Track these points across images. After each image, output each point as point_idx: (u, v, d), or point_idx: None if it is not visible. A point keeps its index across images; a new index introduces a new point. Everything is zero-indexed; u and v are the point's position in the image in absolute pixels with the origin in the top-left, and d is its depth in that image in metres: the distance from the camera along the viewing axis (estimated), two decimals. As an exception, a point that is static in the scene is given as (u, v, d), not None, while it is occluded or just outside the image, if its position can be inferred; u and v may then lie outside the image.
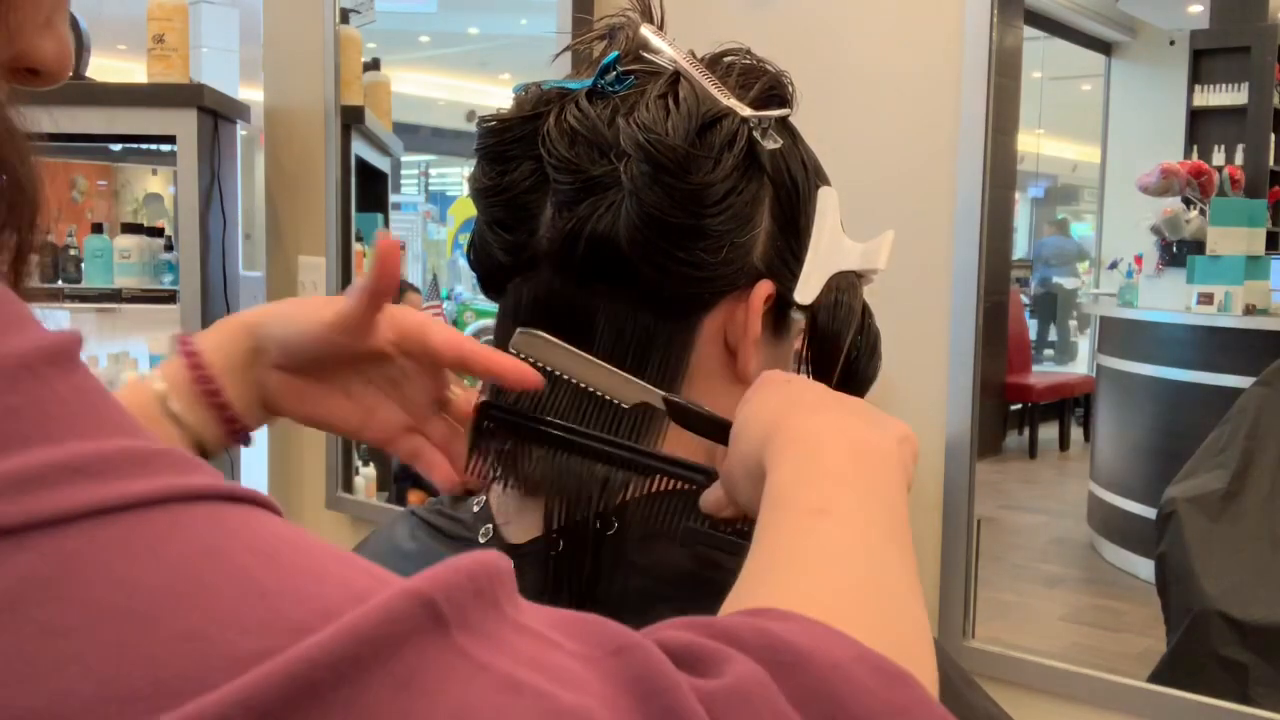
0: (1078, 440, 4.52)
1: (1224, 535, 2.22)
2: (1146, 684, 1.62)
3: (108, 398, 0.32)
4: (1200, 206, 3.36)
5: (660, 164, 0.57)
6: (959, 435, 1.67)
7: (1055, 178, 4.85)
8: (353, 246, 2.54)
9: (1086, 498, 3.39)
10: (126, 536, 0.28)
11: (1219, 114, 4.03)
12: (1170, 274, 3.25)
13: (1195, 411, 2.87)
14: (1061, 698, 1.61)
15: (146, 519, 0.29)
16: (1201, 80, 4.07)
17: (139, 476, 0.29)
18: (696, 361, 0.61)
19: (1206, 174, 3.47)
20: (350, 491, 2.54)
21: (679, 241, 0.58)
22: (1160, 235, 3.34)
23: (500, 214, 0.62)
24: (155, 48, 2.47)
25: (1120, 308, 3.40)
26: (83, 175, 12.04)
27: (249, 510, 0.32)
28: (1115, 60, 4.86)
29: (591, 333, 0.60)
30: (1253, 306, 2.95)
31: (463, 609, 0.31)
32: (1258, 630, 2.02)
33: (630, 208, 0.58)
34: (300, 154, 2.61)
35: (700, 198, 0.58)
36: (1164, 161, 3.49)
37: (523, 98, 0.63)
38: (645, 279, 0.59)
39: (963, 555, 1.68)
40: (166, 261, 2.65)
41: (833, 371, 0.65)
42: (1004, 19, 1.67)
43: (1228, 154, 3.94)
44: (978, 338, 1.66)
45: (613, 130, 0.58)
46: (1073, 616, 3.04)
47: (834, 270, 0.64)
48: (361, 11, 2.55)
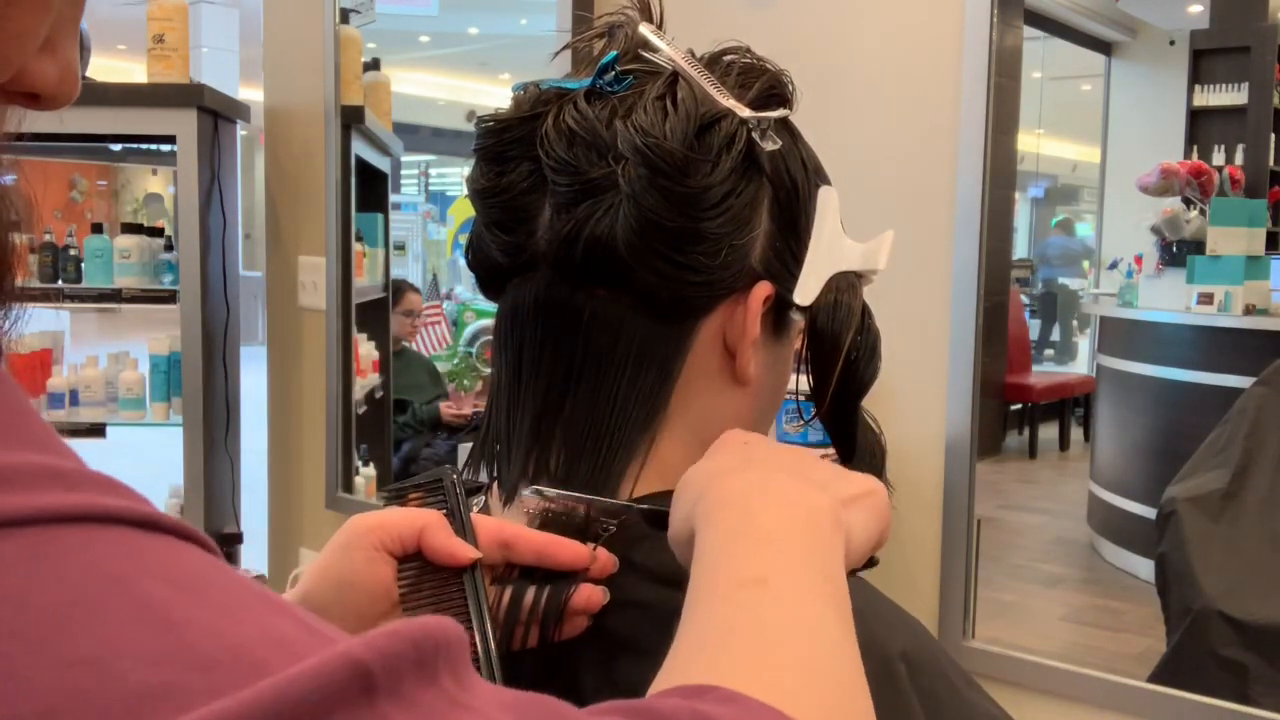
0: (1078, 440, 4.52)
1: (1224, 535, 2.22)
2: (1146, 684, 1.62)
3: (31, 414, 0.30)
4: (1200, 206, 3.36)
5: (658, 167, 0.57)
6: (959, 435, 1.67)
7: (1055, 178, 4.85)
8: (353, 246, 2.54)
9: (1086, 498, 3.39)
10: (29, 551, 0.26)
11: (1219, 114, 4.03)
12: (1170, 274, 3.25)
13: (1195, 411, 2.87)
14: (1061, 698, 1.61)
15: (54, 535, 0.27)
16: (1201, 80, 4.07)
17: (54, 491, 0.28)
18: (695, 363, 0.61)
19: (1206, 174, 3.47)
20: (350, 492, 2.53)
21: (677, 244, 0.58)
22: (1160, 235, 3.34)
23: (498, 215, 0.62)
24: (155, 48, 2.47)
25: (1120, 308, 3.40)
26: (83, 175, 12.04)
27: (173, 541, 0.29)
28: (1115, 60, 4.86)
29: (589, 335, 0.60)
30: (1253, 306, 2.95)
31: (399, 679, 0.29)
32: (1258, 630, 2.02)
33: (628, 210, 0.57)
34: (300, 154, 2.61)
35: (698, 201, 0.58)
36: (1164, 161, 3.49)
37: (521, 97, 0.63)
38: (643, 282, 0.59)
39: (963, 555, 1.68)
40: (166, 261, 2.65)
41: (832, 372, 0.65)
42: (1004, 19, 1.67)
43: (1228, 154, 3.94)
44: (978, 338, 1.66)
45: (611, 132, 0.58)
46: (1073, 616, 3.04)
47: (834, 271, 0.64)
48: (361, 11, 2.55)
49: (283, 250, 2.72)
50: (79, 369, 2.73)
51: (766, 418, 0.68)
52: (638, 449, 0.61)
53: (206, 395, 2.51)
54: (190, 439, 2.50)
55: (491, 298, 0.65)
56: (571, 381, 0.61)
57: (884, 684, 0.54)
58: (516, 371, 0.62)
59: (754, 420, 0.66)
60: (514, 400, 0.63)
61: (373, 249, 2.80)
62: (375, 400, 2.76)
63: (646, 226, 0.58)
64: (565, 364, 0.61)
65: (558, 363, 0.61)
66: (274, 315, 2.75)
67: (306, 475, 2.68)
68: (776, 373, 0.66)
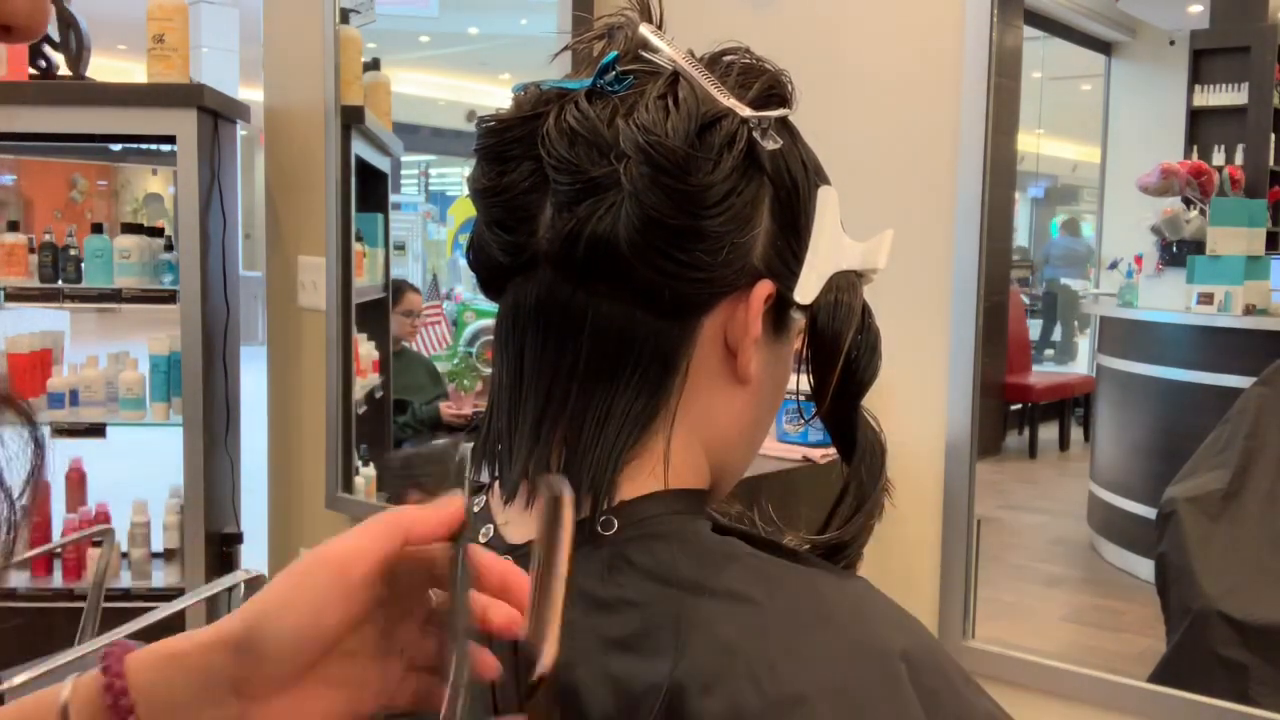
0: (1078, 440, 4.52)
1: (1224, 535, 2.22)
2: (1146, 684, 1.62)
3: None
4: (1200, 206, 3.36)
5: (660, 165, 0.57)
6: (959, 435, 1.67)
7: (1055, 178, 4.85)
8: (353, 246, 2.54)
9: (1086, 498, 3.39)
10: None
11: (1219, 114, 4.03)
12: (1170, 274, 3.25)
13: (1195, 411, 2.87)
14: (1061, 698, 1.61)
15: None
16: (1201, 80, 4.07)
17: None
18: (697, 362, 0.61)
19: (1206, 174, 3.46)
20: (350, 492, 2.54)
21: (679, 243, 0.58)
22: (1160, 235, 3.34)
23: (500, 214, 0.62)
24: (155, 48, 2.47)
25: (1120, 308, 3.39)
26: (83, 175, 12.05)
27: None
28: (1115, 60, 4.86)
29: (591, 334, 0.60)
30: (1253, 306, 2.94)
31: None
32: (1258, 630, 2.02)
33: (630, 209, 0.58)
34: (300, 154, 2.61)
35: (700, 199, 0.58)
36: (1164, 161, 3.49)
37: (522, 98, 0.63)
38: (645, 279, 0.59)
39: (963, 555, 1.68)
40: (166, 261, 2.65)
41: (833, 371, 0.65)
42: (1004, 19, 1.68)
43: (1228, 154, 3.94)
44: (978, 338, 1.66)
45: (612, 131, 0.58)
46: (1073, 616, 3.04)
47: (834, 270, 0.64)
48: (361, 11, 2.55)
49: (283, 250, 2.72)
50: (79, 369, 2.73)
51: (767, 417, 0.68)
52: (639, 448, 0.61)
53: (206, 395, 2.51)
54: (190, 439, 2.50)
55: (492, 298, 0.65)
56: (574, 380, 0.61)
57: (885, 683, 0.54)
58: (518, 371, 0.62)
59: (754, 419, 0.66)
60: (515, 399, 0.63)
61: (373, 249, 2.80)
62: (375, 400, 2.76)
63: (648, 224, 0.58)
64: (567, 363, 0.61)
65: (559, 361, 0.61)
66: (274, 315, 2.76)
67: (306, 475, 2.68)
68: (777, 372, 0.66)
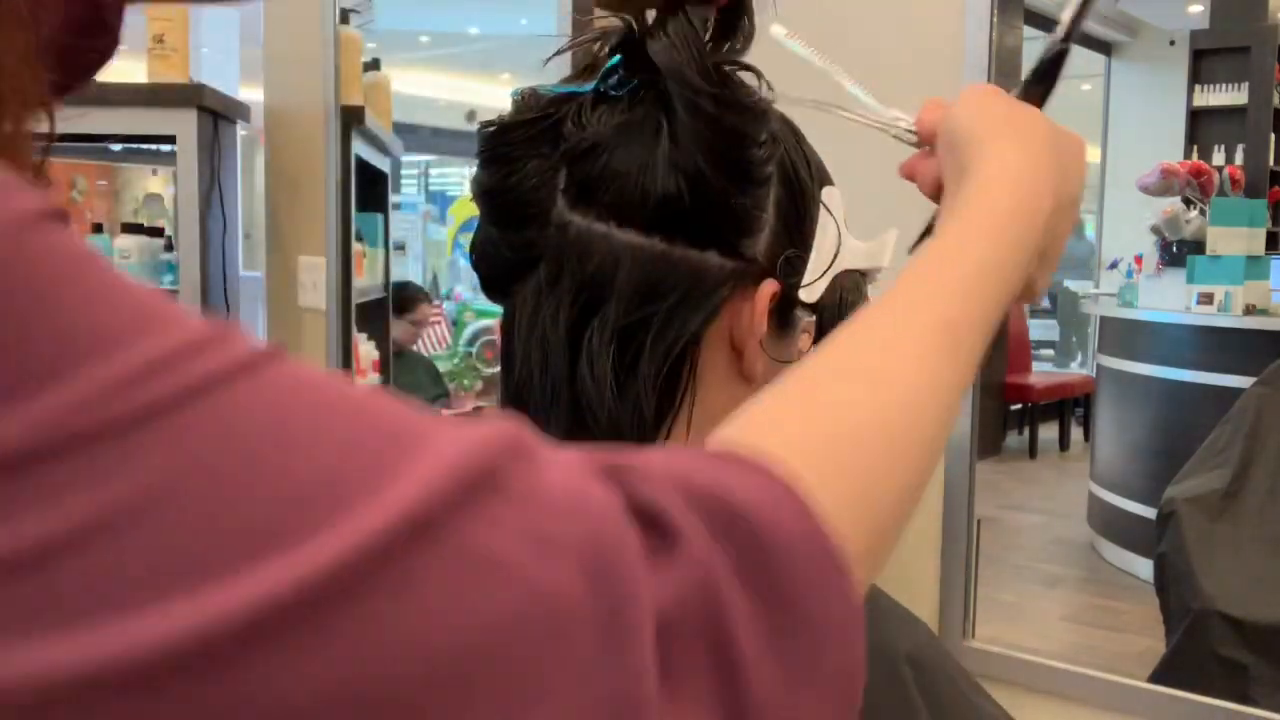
0: (1078, 440, 4.53)
1: (1224, 535, 2.22)
2: (1146, 684, 1.62)
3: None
4: (1200, 206, 3.36)
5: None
6: (959, 435, 1.67)
7: (1055, 178, 4.84)
8: (353, 247, 2.54)
9: (1086, 498, 3.39)
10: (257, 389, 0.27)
11: (1219, 114, 4.03)
12: (1170, 274, 3.25)
13: (1195, 411, 2.87)
14: (1061, 698, 1.61)
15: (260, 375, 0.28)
16: (1201, 80, 4.07)
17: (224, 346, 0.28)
18: (704, 360, 0.62)
19: (1206, 174, 3.47)
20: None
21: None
22: (1160, 235, 3.34)
23: (509, 213, 0.62)
24: (155, 48, 2.47)
25: (1120, 308, 3.39)
26: (83, 175, 12.02)
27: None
28: (1115, 60, 4.87)
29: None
30: (1253, 306, 2.95)
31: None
32: (1258, 630, 2.02)
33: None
34: (300, 154, 2.61)
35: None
36: (1164, 161, 3.49)
37: (522, 102, 0.63)
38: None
39: (963, 555, 1.68)
40: (166, 261, 2.65)
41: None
42: (1004, 19, 1.68)
43: (1228, 154, 3.94)
44: (978, 338, 1.66)
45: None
46: (1073, 616, 3.04)
47: (839, 269, 0.65)
48: (361, 11, 2.55)
49: (283, 250, 2.72)
50: (79, 369, 2.72)
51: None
52: (648, 445, 0.61)
53: (207, 395, 2.51)
54: (190, 439, 2.49)
55: (495, 299, 0.65)
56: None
57: (890, 686, 0.54)
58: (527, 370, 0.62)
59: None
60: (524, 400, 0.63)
61: (373, 249, 2.80)
62: (375, 400, 2.76)
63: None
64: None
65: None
66: (274, 315, 2.75)
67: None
68: (782, 371, 0.67)
